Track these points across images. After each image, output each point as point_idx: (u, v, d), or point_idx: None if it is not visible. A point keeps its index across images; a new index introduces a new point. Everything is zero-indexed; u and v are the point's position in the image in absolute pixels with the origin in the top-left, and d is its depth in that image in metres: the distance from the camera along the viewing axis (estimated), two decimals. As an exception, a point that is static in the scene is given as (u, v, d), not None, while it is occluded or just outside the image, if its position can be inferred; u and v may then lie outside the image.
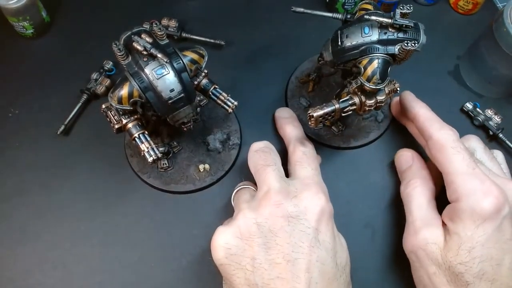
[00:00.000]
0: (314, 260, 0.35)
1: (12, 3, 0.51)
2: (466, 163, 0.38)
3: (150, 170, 0.48)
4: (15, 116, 0.51)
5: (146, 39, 0.36)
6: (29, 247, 0.45)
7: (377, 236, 0.46)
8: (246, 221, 0.37)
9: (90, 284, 0.44)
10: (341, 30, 0.40)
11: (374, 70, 0.38)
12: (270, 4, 0.60)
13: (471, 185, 0.37)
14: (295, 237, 0.35)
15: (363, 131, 0.50)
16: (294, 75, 0.53)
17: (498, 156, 0.45)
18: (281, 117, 0.49)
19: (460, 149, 0.39)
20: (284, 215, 0.36)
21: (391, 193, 0.48)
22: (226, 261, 0.36)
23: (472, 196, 0.37)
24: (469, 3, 0.59)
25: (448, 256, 0.37)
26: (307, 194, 0.38)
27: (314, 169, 0.41)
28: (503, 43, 0.47)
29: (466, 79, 0.55)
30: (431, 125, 0.42)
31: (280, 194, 0.37)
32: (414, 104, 0.45)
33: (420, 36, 0.38)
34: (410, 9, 0.37)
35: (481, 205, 0.36)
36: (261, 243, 0.36)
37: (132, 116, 0.39)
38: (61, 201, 0.47)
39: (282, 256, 0.35)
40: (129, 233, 0.46)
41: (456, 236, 0.37)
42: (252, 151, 0.42)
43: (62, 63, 0.55)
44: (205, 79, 0.42)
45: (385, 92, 0.41)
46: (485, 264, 0.36)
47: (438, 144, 0.40)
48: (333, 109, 0.41)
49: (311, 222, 0.36)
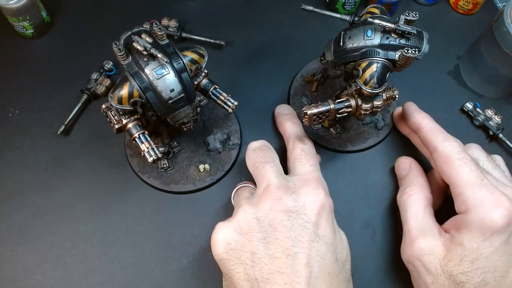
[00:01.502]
0: (314, 254, 0.35)
1: (12, 3, 0.51)
2: (474, 174, 0.38)
3: (150, 170, 0.48)
4: (15, 116, 0.51)
5: (146, 39, 0.36)
6: (29, 247, 0.45)
7: (377, 236, 0.46)
8: (246, 216, 0.37)
9: (90, 284, 0.44)
10: (345, 31, 0.40)
11: (372, 74, 0.38)
12: (270, 4, 0.60)
13: (480, 196, 0.37)
14: (294, 232, 0.35)
15: (361, 137, 0.50)
16: (300, 73, 0.53)
17: (500, 163, 0.44)
18: (281, 113, 0.49)
19: (467, 160, 0.39)
20: (284, 210, 0.36)
21: (392, 193, 0.48)
22: (226, 256, 0.36)
23: (481, 207, 0.36)
24: (469, 3, 0.59)
25: (449, 265, 0.37)
26: (306, 190, 0.38)
27: (313, 165, 0.41)
28: (503, 43, 0.47)
29: (466, 79, 0.55)
30: (435, 136, 0.42)
31: (279, 189, 0.37)
32: (416, 114, 0.45)
33: (423, 45, 0.38)
34: (416, 17, 0.37)
35: (491, 217, 0.35)
36: (260, 238, 0.36)
37: (132, 116, 0.39)
38: (61, 201, 0.47)
39: (282, 251, 0.35)
40: (129, 233, 0.46)
41: (460, 247, 0.37)
42: (249, 149, 0.42)
43: (62, 63, 0.55)
44: (205, 79, 0.42)
45: (382, 98, 0.40)
46: (487, 276, 0.36)
47: (444, 156, 0.40)
48: (328, 109, 0.41)
49: (310, 216, 0.36)
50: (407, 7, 0.60)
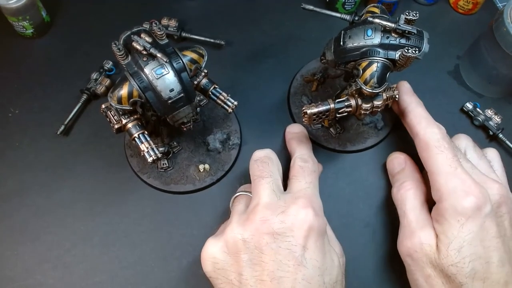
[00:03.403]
0: (299, 278, 0.34)
1: (12, 3, 0.51)
2: (449, 163, 0.38)
3: (150, 170, 0.48)
4: (15, 116, 0.51)
5: (145, 39, 0.36)
6: (29, 247, 0.45)
7: (377, 236, 0.46)
8: (233, 236, 0.36)
9: (90, 284, 0.44)
10: (345, 30, 0.40)
11: (372, 74, 0.38)
12: (270, 4, 0.60)
13: (452, 185, 0.37)
14: (280, 255, 0.35)
15: (360, 137, 0.50)
16: (300, 73, 0.53)
17: (489, 153, 0.45)
18: (290, 132, 0.48)
19: (444, 148, 0.39)
20: (270, 232, 0.35)
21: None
22: (214, 275, 0.37)
23: (453, 195, 0.37)
24: (469, 3, 0.58)
25: (440, 257, 0.37)
26: (295, 209, 0.36)
27: (308, 183, 0.40)
28: (503, 43, 0.47)
29: (466, 79, 0.55)
30: (418, 123, 0.42)
31: (267, 210, 0.36)
32: (406, 97, 0.45)
33: (423, 45, 0.38)
34: (416, 16, 0.37)
35: (462, 204, 0.36)
36: (247, 259, 0.35)
37: (132, 116, 0.39)
38: (61, 201, 0.47)
39: (267, 274, 0.34)
40: (129, 233, 0.46)
41: (443, 236, 0.37)
42: (252, 159, 0.42)
43: (62, 63, 0.55)
44: (205, 79, 0.42)
45: (383, 97, 0.40)
46: (475, 263, 0.36)
47: (423, 143, 0.41)
48: (328, 109, 0.41)
49: (298, 239, 0.35)
50: (407, 7, 0.60)
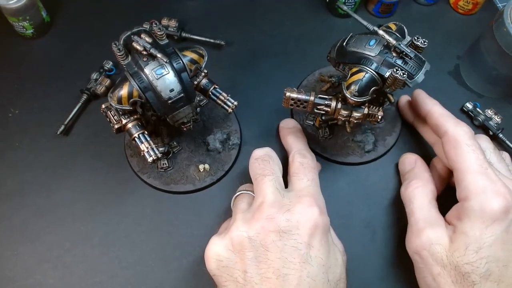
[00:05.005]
0: (304, 276, 0.34)
1: (12, 3, 0.51)
2: (480, 163, 0.38)
3: (150, 170, 0.48)
4: (15, 116, 0.51)
5: (145, 39, 0.36)
6: (29, 247, 0.45)
7: (377, 236, 0.46)
8: (238, 234, 0.36)
9: (90, 284, 0.44)
10: (354, 34, 0.41)
11: (356, 81, 0.38)
12: (270, 4, 0.60)
13: (482, 184, 0.37)
14: (286, 252, 0.35)
15: (344, 151, 0.49)
16: (320, 70, 0.53)
17: (506, 158, 0.45)
18: (284, 127, 0.49)
19: (475, 148, 0.39)
20: (276, 230, 0.36)
21: (392, 193, 0.48)
22: (218, 273, 0.37)
23: (482, 195, 0.36)
24: (469, 3, 0.58)
25: (454, 255, 0.37)
26: (300, 208, 0.37)
27: (310, 180, 0.40)
28: (503, 43, 0.47)
29: (466, 79, 0.55)
30: (446, 121, 0.42)
31: (273, 208, 0.37)
32: (427, 101, 0.45)
33: (418, 74, 0.38)
34: (424, 44, 0.37)
35: (491, 205, 0.36)
36: (252, 257, 0.35)
37: (132, 116, 0.39)
38: (61, 201, 0.47)
39: (272, 271, 0.35)
40: (129, 233, 0.46)
41: (463, 236, 0.37)
42: (252, 158, 0.42)
43: (62, 63, 0.55)
44: (205, 79, 0.42)
45: (363, 112, 0.40)
46: (491, 265, 0.36)
47: (453, 140, 0.40)
48: (307, 100, 0.41)
49: (303, 237, 0.36)
50: (407, 7, 0.60)
